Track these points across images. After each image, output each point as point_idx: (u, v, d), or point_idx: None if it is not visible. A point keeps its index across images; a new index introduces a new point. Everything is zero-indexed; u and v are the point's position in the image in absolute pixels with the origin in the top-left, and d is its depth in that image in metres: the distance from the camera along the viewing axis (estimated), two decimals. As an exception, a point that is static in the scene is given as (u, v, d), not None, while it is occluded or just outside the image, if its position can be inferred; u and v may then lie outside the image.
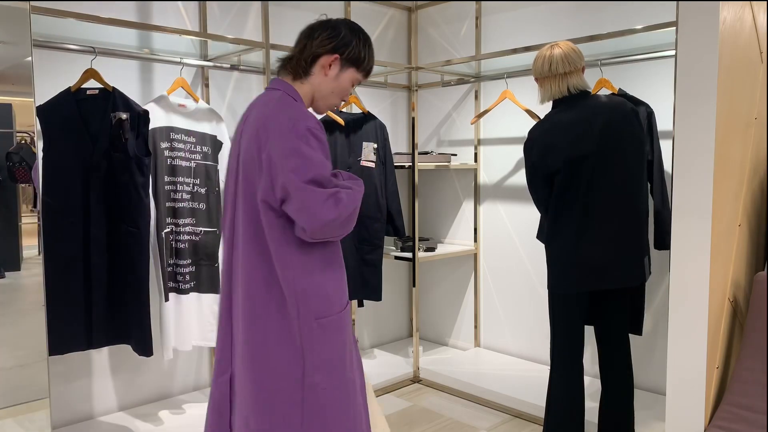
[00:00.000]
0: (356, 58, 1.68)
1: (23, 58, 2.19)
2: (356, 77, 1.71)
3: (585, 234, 2.23)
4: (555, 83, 2.30)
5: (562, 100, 2.30)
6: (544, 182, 2.30)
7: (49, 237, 2.34)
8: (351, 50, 1.67)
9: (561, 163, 2.22)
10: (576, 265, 2.24)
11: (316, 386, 1.58)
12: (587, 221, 2.22)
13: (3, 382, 2.35)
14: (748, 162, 1.92)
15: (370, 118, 3.34)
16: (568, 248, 2.24)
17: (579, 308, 2.30)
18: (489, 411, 3.03)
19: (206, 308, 2.76)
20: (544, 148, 2.26)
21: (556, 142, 2.24)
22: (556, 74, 2.28)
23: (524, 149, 2.34)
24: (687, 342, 1.71)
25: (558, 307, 2.33)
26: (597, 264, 2.23)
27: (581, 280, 2.25)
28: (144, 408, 2.85)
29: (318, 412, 1.59)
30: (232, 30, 3.09)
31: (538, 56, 2.33)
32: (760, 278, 1.84)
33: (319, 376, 1.59)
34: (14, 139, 2.51)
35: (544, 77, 2.32)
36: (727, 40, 1.67)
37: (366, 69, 1.72)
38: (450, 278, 3.88)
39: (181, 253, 2.70)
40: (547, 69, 2.29)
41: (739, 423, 1.68)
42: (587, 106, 2.27)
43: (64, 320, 2.37)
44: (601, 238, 2.23)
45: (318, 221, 1.50)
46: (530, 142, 2.31)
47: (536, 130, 2.31)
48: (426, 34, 3.90)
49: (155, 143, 2.63)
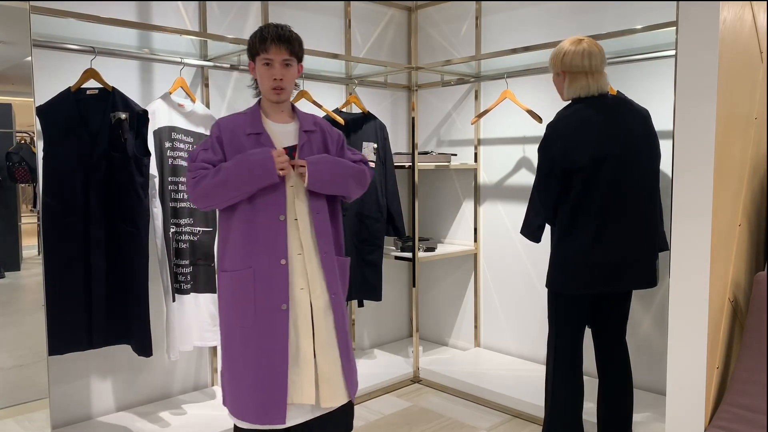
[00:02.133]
0: (253, 47, 1.97)
1: (23, 58, 2.19)
2: (260, 62, 1.96)
3: (603, 235, 2.19)
4: (590, 80, 2.23)
5: (585, 99, 2.25)
6: (558, 181, 2.23)
7: (49, 237, 2.34)
8: (250, 47, 1.98)
9: (586, 161, 2.17)
10: (591, 266, 2.21)
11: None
12: (605, 222, 2.19)
13: (3, 382, 2.35)
14: (748, 162, 1.92)
15: (370, 118, 3.34)
16: (584, 249, 2.20)
17: (584, 309, 2.29)
18: (489, 411, 3.03)
19: (203, 308, 2.76)
20: (571, 143, 2.19)
21: (584, 138, 2.18)
22: (593, 71, 2.22)
23: (545, 143, 2.24)
24: (687, 342, 1.71)
25: (562, 308, 2.31)
26: (613, 266, 2.21)
27: (594, 282, 2.22)
28: (144, 408, 2.85)
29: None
30: (232, 30, 3.09)
31: (572, 50, 2.23)
32: (760, 278, 1.84)
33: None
34: (14, 139, 2.51)
35: (577, 72, 2.23)
36: (727, 40, 1.66)
37: (261, 44, 1.94)
38: (450, 278, 3.88)
39: (182, 253, 2.70)
40: (587, 64, 2.22)
41: (739, 423, 1.68)
42: (608, 106, 2.24)
43: (63, 320, 2.37)
44: (618, 240, 2.20)
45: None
46: (554, 135, 2.22)
47: (560, 124, 2.23)
48: (426, 34, 3.90)
49: (161, 143, 2.63)
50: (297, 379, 1.94)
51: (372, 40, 3.74)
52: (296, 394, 1.94)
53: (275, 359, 1.92)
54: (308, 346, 1.95)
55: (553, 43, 2.74)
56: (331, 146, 2.08)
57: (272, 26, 1.94)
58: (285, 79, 1.94)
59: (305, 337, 1.95)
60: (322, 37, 3.47)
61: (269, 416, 1.91)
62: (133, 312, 2.48)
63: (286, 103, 2.04)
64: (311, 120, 2.07)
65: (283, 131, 2.01)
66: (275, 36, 1.91)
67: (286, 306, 1.93)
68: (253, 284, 1.93)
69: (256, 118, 1.99)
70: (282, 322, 1.92)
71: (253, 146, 1.94)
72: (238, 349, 1.95)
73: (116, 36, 2.59)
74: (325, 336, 1.99)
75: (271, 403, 1.91)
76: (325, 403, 1.97)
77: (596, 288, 2.23)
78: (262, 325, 1.93)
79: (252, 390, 1.92)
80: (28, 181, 2.51)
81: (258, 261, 1.93)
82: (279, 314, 1.93)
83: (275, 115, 2.02)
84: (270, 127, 2.00)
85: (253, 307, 1.93)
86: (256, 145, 1.94)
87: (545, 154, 2.25)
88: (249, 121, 1.98)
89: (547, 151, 2.24)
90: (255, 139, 1.95)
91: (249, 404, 1.93)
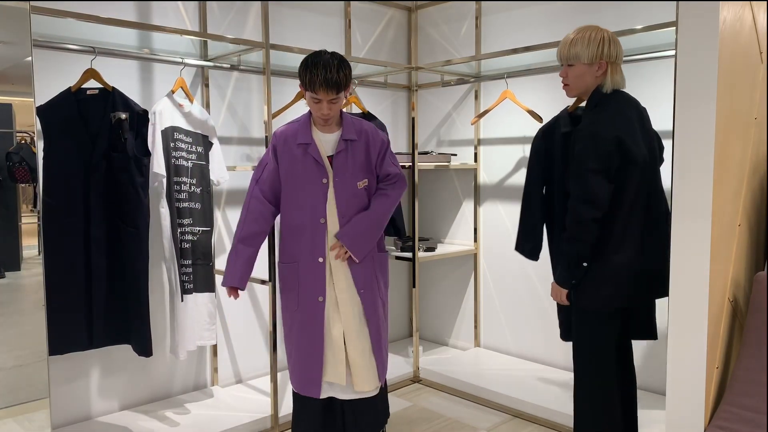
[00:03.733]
0: (303, 82, 2.16)
1: (23, 58, 2.19)
2: (309, 96, 2.17)
3: (648, 242, 2.08)
4: (621, 71, 2.13)
5: (620, 92, 2.13)
6: (610, 183, 2.03)
7: (49, 237, 2.34)
8: (301, 79, 2.18)
9: (637, 162, 2.02)
10: (638, 276, 2.07)
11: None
12: (649, 228, 2.08)
13: (3, 382, 2.35)
14: (748, 162, 1.92)
15: (370, 118, 3.34)
16: (633, 260, 2.07)
17: (619, 322, 2.18)
18: (489, 411, 3.03)
19: (202, 307, 2.76)
20: (621, 142, 2.01)
21: (630, 137, 2.02)
22: (620, 62, 2.12)
23: (599, 141, 2.01)
24: (687, 342, 1.71)
25: (603, 326, 2.13)
26: (656, 274, 2.09)
27: (639, 293, 2.09)
28: (144, 408, 2.85)
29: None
30: (232, 30, 3.09)
31: (608, 38, 2.10)
32: (760, 278, 1.84)
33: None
34: (14, 139, 2.51)
35: (615, 62, 2.11)
36: (727, 40, 1.66)
37: (310, 86, 2.13)
38: (450, 278, 3.88)
39: (185, 253, 2.70)
40: (622, 54, 2.11)
41: (739, 423, 1.68)
42: (627, 101, 2.12)
43: (64, 320, 2.37)
44: (658, 246, 2.09)
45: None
46: (605, 132, 2.01)
47: (602, 122, 2.04)
48: (426, 34, 3.90)
49: (167, 142, 2.62)
50: (332, 360, 2.27)
51: (372, 40, 3.75)
52: (329, 373, 2.28)
53: (313, 343, 2.27)
54: (338, 333, 2.27)
55: (554, 43, 2.75)
56: (372, 154, 2.30)
57: (322, 68, 2.10)
58: (332, 111, 2.18)
59: (336, 326, 2.27)
60: (322, 37, 3.47)
61: (307, 388, 2.30)
62: (133, 312, 2.48)
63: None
64: (355, 128, 2.28)
65: (327, 140, 2.27)
66: (323, 81, 2.10)
67: (322, 298, 2.26)
68: (297, 277, 2.28)
69: (306, 128, 2.26)
70: (319, 311, 2.26)
71: (302, 155, 2.23)
72: (289, 328, 2.34)
73: (116, 36, 2.59)
74: (353, 326, 2.27)
75: (309, 378, 2.29)
76: (356, 387, 2.28)
77: (642, 299, 2.10)
78: (304, 313, 2.28)
79: (296, 364, 2.32)
80: (28, 181, 2.52)
81: (302, 258, 2.27)
82: (317, 305, 2.26)
83: (323, 126, 2.26)
84: (317, 136, 2.26)
85: (297, 297, 2.28)
86: (305, 155, 2.23)
87: (598, 155, 2.01)
88: (300, 131, 2.25)
89: (600, 152, 2.01)
90: (304, 149, 2.24)
91: (295, 375, 2.33)
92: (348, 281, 2.27)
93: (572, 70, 2.16)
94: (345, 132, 2.25)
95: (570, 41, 2.15)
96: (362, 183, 2.27)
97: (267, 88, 2.67)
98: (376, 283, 2.33)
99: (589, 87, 2.15)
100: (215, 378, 3.12)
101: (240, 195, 3.19)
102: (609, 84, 2.12)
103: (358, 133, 2.28)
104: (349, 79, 2.17)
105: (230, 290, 2.32)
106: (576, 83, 2.17)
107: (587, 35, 2.11)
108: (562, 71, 2.20)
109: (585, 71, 2.13)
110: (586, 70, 2.13)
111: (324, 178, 2.23)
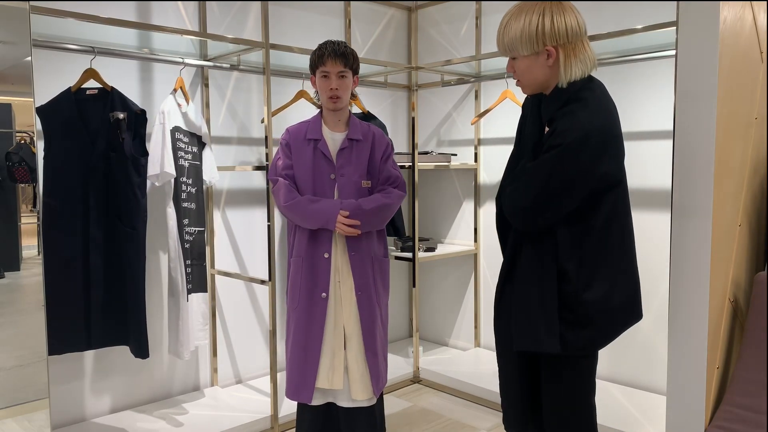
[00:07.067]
0: (313, 63, 2.25)
1: (23, 58, 2.19)
2: (319, 75, 2.23)
3: (631, 264, 1.70)
4: (585, 49, 1.66)
5: (592, 79, 1.68)
6: (596, 201, 1.61)
7: (49, 237, 2.34)
8: (311, 63, 2.26)
9: (623, 171, 1.66)
10: (635, 307, 1.71)
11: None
12: (632, 248, 1.72)
13: (3, 382, 2.35)
14: (748, 162, 1.92)
15: (370, 117, 3.34)
16: (634, 292, 1.70)
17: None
18: (489, 411, 3.03)
19: (196, 308, 2.75)
20: (619, 146, 1.64)
21: (620, 140, 1.65)
22: (581, 39, 1.64)
23: (592, 147, 1.56)
24: (687, 342, 1.71)
25: (593, 369, 1.74)
26: (636, 298, 1.72)
27: (628, 323, 1.71)
28: (143, 408, 2.85)
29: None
30: (232, 30, 3.09)
31: (549, 12, 1.60)
32: (760, 278, 1.84)
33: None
34: (14, 139, 2.51)
35: (570, 43, 1.63)
36: (727, 40, 1.66)
37: (320, 60, 2.21)
38: (450, 278, 3.88)
39: (185, 254, 2.69)
40: (580, 28, 1.64)
41: (739, 423, 1.68)
42: (603, 92, 1.68)
43: (63, 320, 2.37)
44: (635, 267, 1.73)
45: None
46: (607, 135, 1.58)
47: (600, 118, 1.58)
48: (426, 34, 3.89)
49: (174, 142, 2.62)
50: (328, 364, 2.24)
51: (372, 40, 3.74)
52: (323, 379, 2.24)
53: (311, 343, 2.23)
54: (339, 336, 2.25)
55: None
56: (377, 155, 2.33)
57: (329, 42, 2.21)
58: (340, 89, 2.22)
59: (337, 328, 2.25)
60: (322, 37, 3.47)
61: (299, 393, 2.26)
62: (130, 313, 2.48)
63: (344, 113, 2.31)
64: (362, 130, 2.33)
65: (334, 138, 2.31)
66: (331, 51, 2.18)
67: (325, 295, 2.24)
68: (302, 272, 2.26)
69: (317, 125, 2.31)
70: (321, 309, 2.24)
71: (312, 150, 2.27)
72: (290, 328, 2.31)
73: (116, 36, 2.59)
74: (352, 330, 2.26)
75: (303, 382, 2.24)
76: (352, 394, 2.26)
77: (624, 329, 1.71)
78: (305, 309, 2.25)
79: (291, 368, 2.28)
80: (28, 181, 2.51)
81: (308, 253, 2.26)
82: (319, 302, 2.24)
83: (333, 125, 2.31)
84: (326, 134, 2.31)
85: (299, 292, 2.26)
86: (314, 149, 2.27)
87: (591, 167, 1.57)
88: (311, 128, 2.30)
89: (595, 161, 1.58)
90: (314, 144, 2.28)
91: (289, 379, 2.28)
92: (352, 281, 2.28)
93: (517, 64, 1.69)
94: (351, 132, 2.31)
95: (504, 26, 1.66)
96: (366, 183, 2.32)
97: (267, 88, 2.67)
98: (374, 288, 2.31)
99: (543, 81, 1.67)
100: (215, 378, 3.12)
101: (240, 195, 3.18)
102: (564, 75, 1.62)
103: (365, 134, 2.33)
104: (356, 61, 2.25)
105: (342, 218, 2.17)
106: (526, 78, 1.69)
107: (522, 19, 1.61)
108: (508, 65, 1.73)
109: (530, 63, 1.65)
110: (532, 62, 1.65)
111: (332, 174, 2.27)
